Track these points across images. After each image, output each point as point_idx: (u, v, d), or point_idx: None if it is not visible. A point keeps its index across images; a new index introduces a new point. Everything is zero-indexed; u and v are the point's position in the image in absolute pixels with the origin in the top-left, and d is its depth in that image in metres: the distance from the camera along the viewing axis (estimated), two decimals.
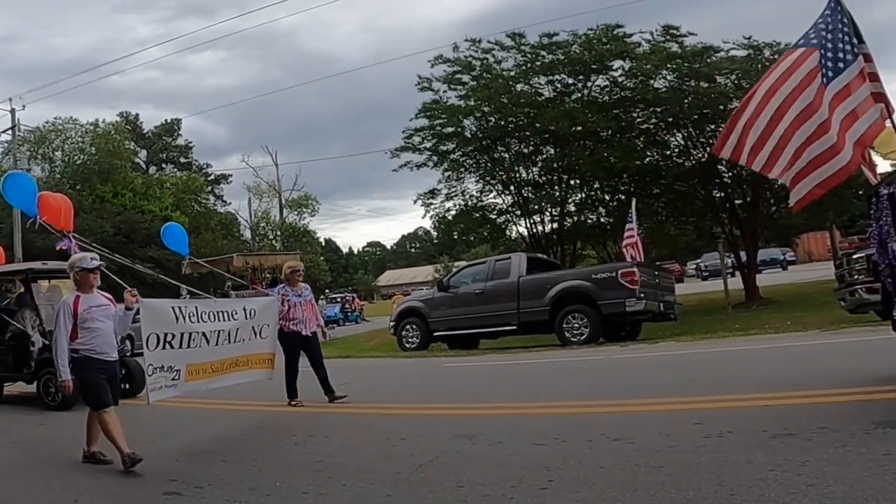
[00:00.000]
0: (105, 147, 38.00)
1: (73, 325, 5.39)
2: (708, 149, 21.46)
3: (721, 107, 19.65)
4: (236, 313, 7.04)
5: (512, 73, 21.93)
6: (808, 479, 3.61)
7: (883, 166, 8.90)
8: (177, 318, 6.26)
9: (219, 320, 6.75)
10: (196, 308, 6.57)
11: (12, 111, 29.30)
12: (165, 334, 6.08)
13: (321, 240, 66.52)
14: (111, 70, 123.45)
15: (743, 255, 22.29)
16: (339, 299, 42.45)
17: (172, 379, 6.10)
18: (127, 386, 9.22)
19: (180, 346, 6.22)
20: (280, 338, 7.81)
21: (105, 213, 35.89)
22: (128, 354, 10.86)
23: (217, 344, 6.65)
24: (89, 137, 38.80)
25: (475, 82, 22.05)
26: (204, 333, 6.48)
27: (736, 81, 19.83)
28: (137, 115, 54.46)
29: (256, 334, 7.28)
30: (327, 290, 46.93)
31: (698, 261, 43.22)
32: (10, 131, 30.07)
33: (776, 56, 19.33)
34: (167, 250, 11.12)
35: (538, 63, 21.49)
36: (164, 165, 53.80)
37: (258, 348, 7.34)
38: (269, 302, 7.78)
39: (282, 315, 7.83)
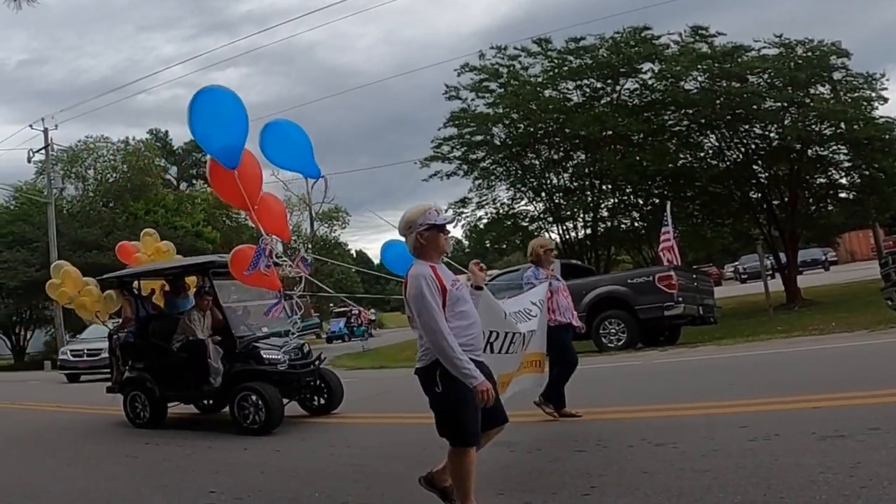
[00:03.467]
0: (136, 164, 38.72)
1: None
2: (742, 149, 21.15)
3: (754, 106, 19.33)
4: (532, 310, 5.74)
5: (539, 79, 21.88)
6: (860, 481, 3.49)
7: None
8: (504, 314, 5.07)
9: (526, 319, 5.52)
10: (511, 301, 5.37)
11: (45, 131, 30.11)
12: (491, 332, 4.80)
13: (352, 251, 66.80)
14: (138, 88, 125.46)
15: (783, 256, 21.82)
16: (345, 313, 40.46)
17: None
18: (323, 400, 8.15)
19: (500, 350, 4.93)
20: (549, 334, 6.32)
21: (138, 230, 36.27)
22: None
23: (525, 349, 5.44)
24: (120, 155, 39.60)
25: (503, 89, 22.05)
26: (523, 335, 5.27)
27: (768, 80, 19.51)
28: (167, 132, 55.43)
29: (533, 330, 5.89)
30: (331, 304, 44.65)
31: (736, 263, 42.45)
32: (43, 151, 30.89)
33: (809, 54, 19.03)
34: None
35: (566, 68, 21.43)
36: (194, 181, 54.45)
37: (532, 347, 5.80)
38: (544, 289, 6.26)
39: None
